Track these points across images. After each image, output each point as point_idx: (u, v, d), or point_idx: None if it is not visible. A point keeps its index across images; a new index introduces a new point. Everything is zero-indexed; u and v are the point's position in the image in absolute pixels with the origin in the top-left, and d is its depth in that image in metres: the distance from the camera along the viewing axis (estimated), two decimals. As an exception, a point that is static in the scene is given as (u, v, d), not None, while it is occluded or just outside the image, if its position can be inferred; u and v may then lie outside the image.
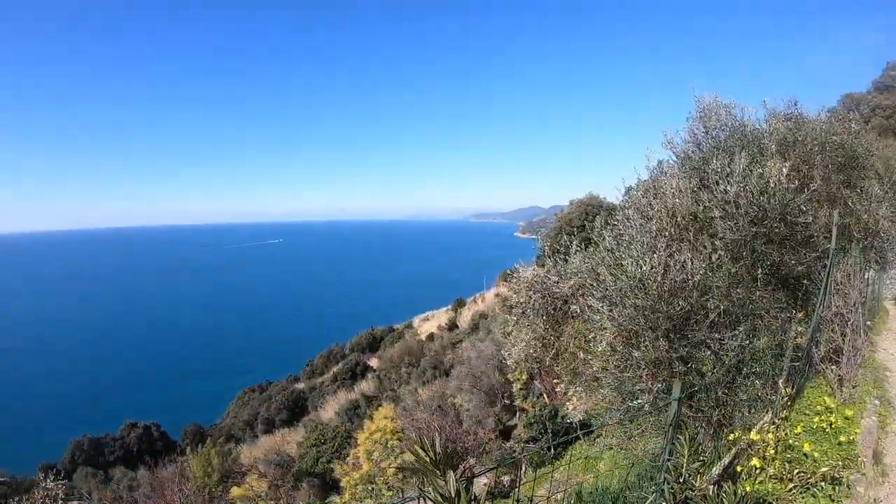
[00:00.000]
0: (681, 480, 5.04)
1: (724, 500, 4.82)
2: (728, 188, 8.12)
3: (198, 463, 26.40)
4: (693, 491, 4.99)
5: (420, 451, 3.92)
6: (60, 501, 12.99)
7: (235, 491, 21.21)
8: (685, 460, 5.03)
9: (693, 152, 9.83)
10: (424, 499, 3.97)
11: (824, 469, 6.44)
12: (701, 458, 5.15)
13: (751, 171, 8.11)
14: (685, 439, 5.04)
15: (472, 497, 3.86)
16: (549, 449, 14.08)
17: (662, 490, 5.42)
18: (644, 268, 7.75)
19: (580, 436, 11.19)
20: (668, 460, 5.46)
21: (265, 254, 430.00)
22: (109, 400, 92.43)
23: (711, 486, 4.97)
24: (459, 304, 73.92)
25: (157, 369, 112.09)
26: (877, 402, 9.36)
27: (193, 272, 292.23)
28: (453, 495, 3.79)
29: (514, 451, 16.30)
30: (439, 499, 3.82)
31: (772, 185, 7.99)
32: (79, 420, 78.33)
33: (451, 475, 3.85)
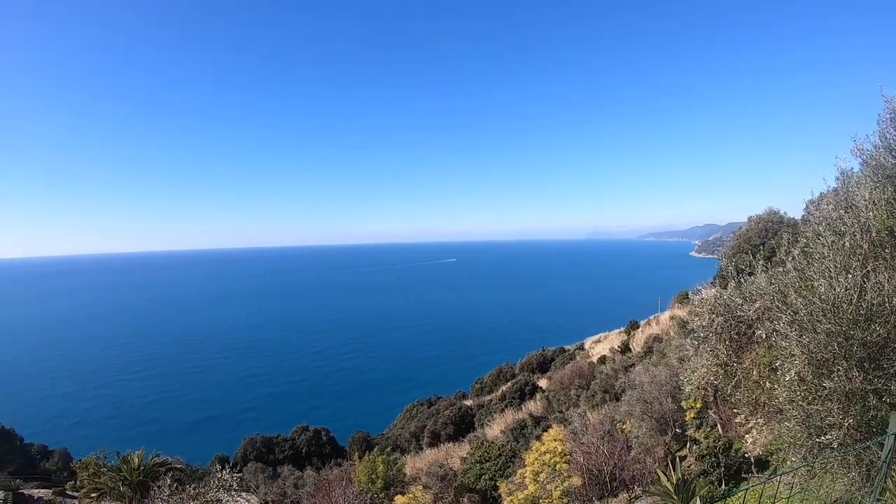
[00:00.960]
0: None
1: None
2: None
3: (363, 469, 27.48)
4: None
5: (662, 475, 3.83)
6: (234, 491, 14.09)
7: (399, 499, 21.72)
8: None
9: (885, 159, 8.71)
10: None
11: None
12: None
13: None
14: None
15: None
16: (720, 483, 13.13)
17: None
18: (837, 289, 7.00)
19: (755, 471, 10.31)
20: (879, 500, 4.90)
21: (441, 273, 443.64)
22: (286, 404, 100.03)
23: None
24: (633, 326, 71.52)
25: (332, 379, 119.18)
26: None
27: (371, 290, 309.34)
28: None
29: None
30: None
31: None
32: (255, 420, 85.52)
33: (697, 501, 3.73)
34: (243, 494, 19.43)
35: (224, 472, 14.59)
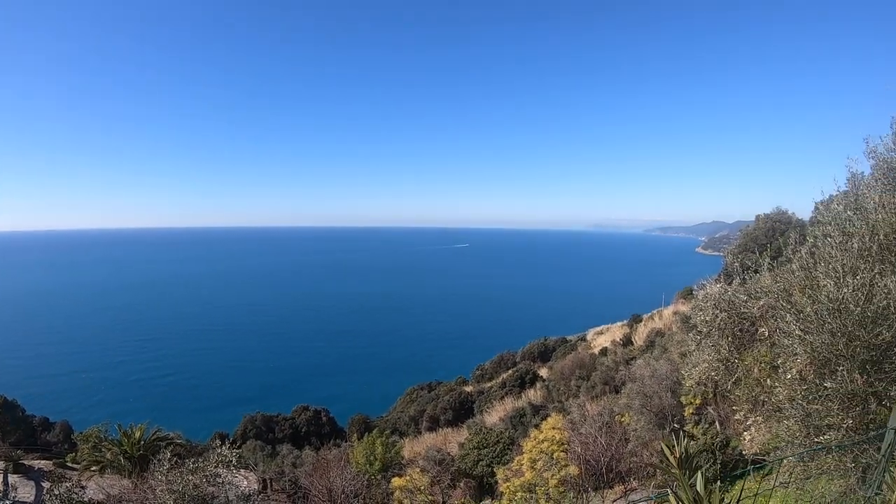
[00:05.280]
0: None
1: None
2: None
3: (361, 450, 27.68)
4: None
5: (666, 449, 3.85)
6: (232, 467, 14.19)
7: (396, 481, 21.85)
8: (895, 496, 4.47)
9: (896, 162, 8.60)
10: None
11: None
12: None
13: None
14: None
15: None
16: (716, 480, 13.13)
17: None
18: (845, 290, 6.95)
19: (751, 470, 10.28)
20: (878, 494, 4.93)
21: (452, 257, 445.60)
22: (287, 384, 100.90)
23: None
24: (635, 319, 71.39)
25: (333, 361, 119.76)
26: None
27: (377, 273, 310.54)
28: (705, 496, 3.66)
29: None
30: (689, 498, 3.70)
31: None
32: (253, 399, 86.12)
33: (699, 475, 3.74)
34: (241, 471, 19.51)
35: (223, 447, 14.67)
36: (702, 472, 3.70)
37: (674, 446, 3.95)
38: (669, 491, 3.90)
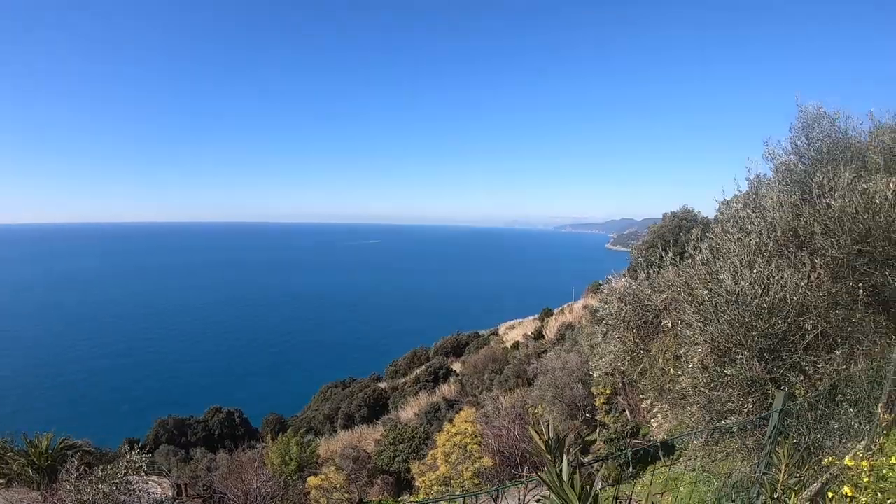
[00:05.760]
0: (775, 496, 4.80)
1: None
2: (832, 202, 7.60)
3: (276, 451, 27.21)
4: (786, 509, 4.77)
5: (535, 433, 3.94)
6: (143, 473, 13.70)
7: (311, 480, 21.64)
8: (782, 475, 4.78)
9: (794, 164, 9.26)
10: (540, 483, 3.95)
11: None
12: (797, 475, 4.89)
13: (855, 185, 7.57)
14: (783, 454, 4.79)
15: (588, 487, 3.80)
16: (627, 466, 13.71)
17: (755, 504, 5.24)
18: (742, 283, 7.41)
19: (661, 455, 10.77)
20: (765, 474, 5.24)
21: (365, 253, 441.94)
22: (198, 385, 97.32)
23: (804, 509, 4.72)
24: (546, 313, 72.74)
25: (246, 360, 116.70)
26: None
27: (293, 268, 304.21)
28: (567, 479, 3.75)
29: (591, 466, 15.74)
30: (554, 481, 3.78)
31: (877, 201, 7.40)
32: (166, 402, 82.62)
33: (565, 460, 3.84)
34: (155, 478, 18.82)
35: (133, 453, 14.14)
36: (567, 457, 3.87)
37: (542, 431, 4.12)
38: (537, 475, 4.07)
